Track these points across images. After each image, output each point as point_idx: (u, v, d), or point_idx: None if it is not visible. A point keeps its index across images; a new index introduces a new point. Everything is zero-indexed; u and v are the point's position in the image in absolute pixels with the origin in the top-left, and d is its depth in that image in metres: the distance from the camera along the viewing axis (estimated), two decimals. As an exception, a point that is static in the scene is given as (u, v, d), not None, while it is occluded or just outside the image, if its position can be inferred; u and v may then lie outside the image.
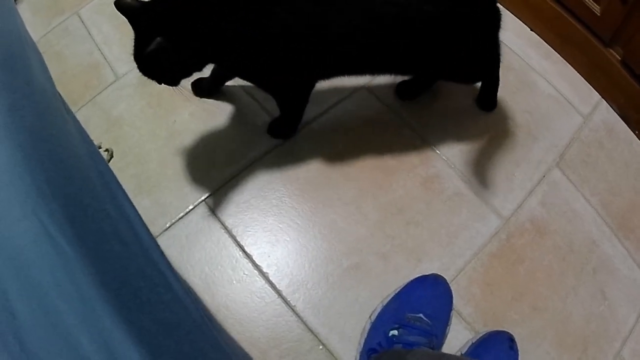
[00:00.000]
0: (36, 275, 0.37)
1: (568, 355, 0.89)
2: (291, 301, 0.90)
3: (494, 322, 0.90)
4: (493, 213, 1.00)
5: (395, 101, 1.10)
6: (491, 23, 0.89)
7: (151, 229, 0.52)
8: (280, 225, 0.97)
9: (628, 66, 1.04)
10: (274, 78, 0.89)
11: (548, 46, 1.21)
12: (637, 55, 1.01)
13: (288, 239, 0.95)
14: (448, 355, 0.83)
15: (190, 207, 0.98)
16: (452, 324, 0.88)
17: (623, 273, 0.97)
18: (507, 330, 0.87)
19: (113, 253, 0.42)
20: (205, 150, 1.04)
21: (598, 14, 1.04)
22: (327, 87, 1.04)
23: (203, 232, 0.95)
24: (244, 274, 0.92)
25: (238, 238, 0.95)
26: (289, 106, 1.00)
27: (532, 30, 1.23)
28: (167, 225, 0.96)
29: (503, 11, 0.88)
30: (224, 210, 0.97)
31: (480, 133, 1.08)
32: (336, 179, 1.01)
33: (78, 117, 0.56)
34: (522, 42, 1.21)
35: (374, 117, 1.08)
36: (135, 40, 0.76)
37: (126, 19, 0.75)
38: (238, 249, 0.94)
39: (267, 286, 0.91)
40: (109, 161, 1.02)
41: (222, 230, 0.96)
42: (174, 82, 0.81)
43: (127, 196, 0.50)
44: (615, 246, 0.99)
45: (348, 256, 0.94)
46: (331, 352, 0.86)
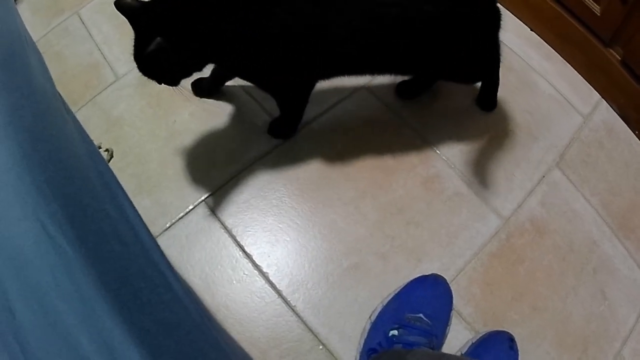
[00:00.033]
0: (36, 275, 0.37)
1: (568, 355, 0.89)
2: (291, 301, 0.90)
3: (494, 322, 0.90)
4: (493, 213, 0.99)
5: (395, 101, 1.10)
6: (491, 23, 0.89)
7: (151, 229, 0.52)
8: (280, 225, 0.97)
9: (628, 66, 1.04)
10: (274, 78, 0.89)
11: (548, 46, 1.21)
12: (637, 55, 1.01)
13: (288, 239, 0.95)
14: (448, 355, 0.83)
15: (190, 207, 0.98)
16: (452, 324, 0.88)
17: (623, 273, 0.97)
18: (507, 330, 0.87)
19: (113, 253, 0.42)
20: (205, 150, 1.04)
21: (598, 14, 1.04)
22: (327, 87, 1.04)
23: (203, 232, 0.95)
24: (244, 274, 0.92)
25: (238, 238, 0.95)
26: (289, 106, 1.00)
27: (532, 30, 1.23)
28: (167, 225, 0.96)
29: (503, 11, 0.88)
30: (224, 210, 0.97)
31: (480, 133, 1.08)
32: (336, 179, 1.01)
33: (78, 117, 0.56)
34: (522, 42, 1.21)
35: (374, 117, 1.08)
36: (135, 40, 0.76)
37: (126, 19, 0.75)
38: (238, 249, 0.94)
39: (267, 286, 0.91)
40: (109, 161, 1.02)
41: (222, 230, 0.96)
42: (174, 82, 0.81)
43: (127, 196, 0.50)
44: (615, 246, 0.99)
45: (348, 256, 0.94)
46: (331, 352, 0.86)
